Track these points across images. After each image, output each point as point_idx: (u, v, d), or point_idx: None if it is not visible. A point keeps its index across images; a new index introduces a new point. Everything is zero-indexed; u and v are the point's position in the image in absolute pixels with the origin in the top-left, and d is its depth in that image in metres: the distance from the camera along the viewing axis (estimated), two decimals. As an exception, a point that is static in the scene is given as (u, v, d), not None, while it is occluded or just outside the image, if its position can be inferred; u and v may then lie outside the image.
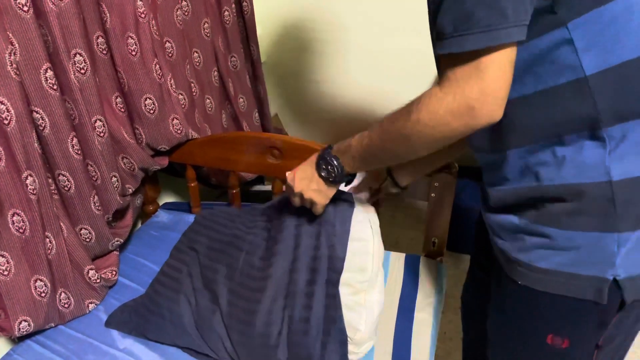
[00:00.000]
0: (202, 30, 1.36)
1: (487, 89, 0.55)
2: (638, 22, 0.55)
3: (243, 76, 1.56)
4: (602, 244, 0.60)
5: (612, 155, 0.59)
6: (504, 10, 0.53)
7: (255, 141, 1.22)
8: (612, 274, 0.61)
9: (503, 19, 0.53)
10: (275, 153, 1.21)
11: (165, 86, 1.17)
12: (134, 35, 1.09)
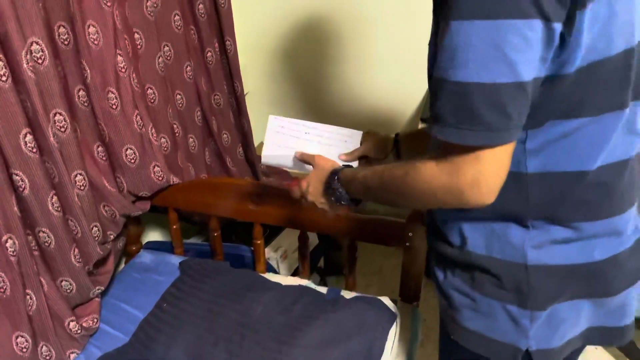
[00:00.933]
0: (185, 73, 1.38)
1: (482, 179, 0.56)
2: (587, 141, 0.60)
3: (227, 112, 1.58)
4: (517, 317, 0.67)
5: (531, 243, 0.65)
6: (510, 114, 0.54)
7: (235, 187, 1.24)
8: (525, 344, 0.68)
9: (507, 120, 0.54)
10: (254, 199, 1.24)
11: (146, 136, 1.20)
12: (115, 90, 1.11)
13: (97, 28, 1.06)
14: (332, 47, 1.80)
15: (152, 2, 1.22)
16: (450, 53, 0.54)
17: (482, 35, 0.52)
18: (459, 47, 0.53)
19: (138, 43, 1.20)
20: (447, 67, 0.54)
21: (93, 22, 1.05)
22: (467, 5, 0.52)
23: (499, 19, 0.51)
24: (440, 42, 0.55)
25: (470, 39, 0.52)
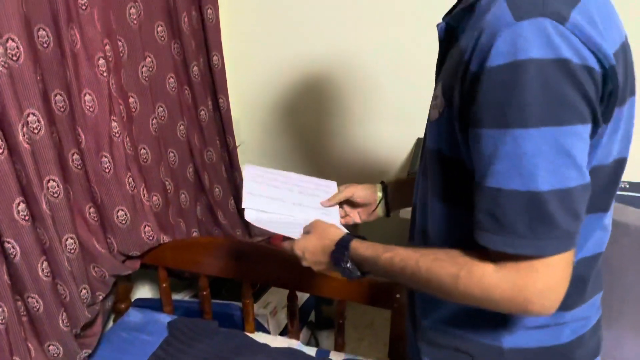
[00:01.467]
0: (178, 132, 1.42)
1: (553, 287, 0.54)
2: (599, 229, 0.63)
3: (219, 166, 1.61)
4: None
5: (507, 328, 0.66)
6: (580, 215, 0.54)
7: (225, 247, 1.26)
8: None
9: (578, 221, 0.54)
10: (245, 258, 1.25)
11: (137, 196, 1.22)
12: (108, 154, 1.14)
13: (92, 96, 1.09)
14: (324, 100, 1.85)
15: (148, 68, 1.27)
16: (514, 162, 0.52)
17: (550, 141, 0.51)
18: (525, 155, 0.52)
19: (132, 106, 1.24)
20: (513, 177, 0.53)
21: (89, 90, 1.09)
22: (532, 113, 0.51)
23: (564, 125, 0.51)
24: (492, 150, 0.54)
25: (538, 146, 0.51)
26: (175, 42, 1.37)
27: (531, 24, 0.51)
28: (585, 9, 0.53)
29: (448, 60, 0.66)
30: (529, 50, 0.50)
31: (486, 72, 0.53)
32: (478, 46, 0.54)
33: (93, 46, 1.06)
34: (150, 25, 1.27)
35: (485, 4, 0.58)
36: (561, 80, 0.51)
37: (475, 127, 0.55)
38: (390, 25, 1.59)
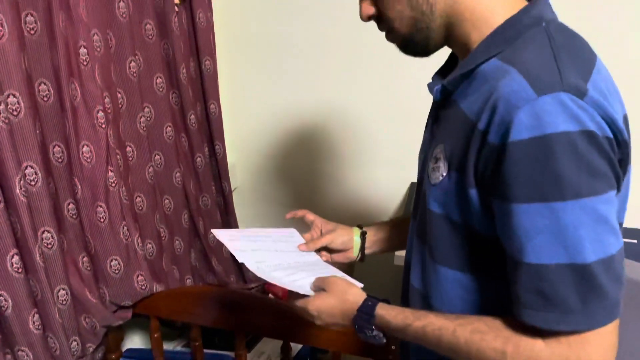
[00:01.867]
0: (174, 179, 1.43)
1: (604, 356, 0.54)
2: None
3: (214, 212, 1.62)
4: None
5: None
6: (622, 279, 0.55)
7: (218, 297, 1.25)
8: None
9: (622, 286, 0.54)
10: (238, 308, 1.24)
11: (131, 246, 1.22)
12: (103, 204, 1.14)
13: (90, 147, 1.11)
14: (318, 145, 1.88)
15: (146, 118, 1.29)
16: (556, 235, 0.52)
17: (589, 211, 0.52)
18: (567, 227, 0.52)
19: (130, 156, 1.25)
20: (557, 251, 0.52)
21: (87, 142, 1.10)
22: (568, 185, 0.52)
23: (599, 194, 0.52)
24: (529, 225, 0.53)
25: (579, 218, 0.52)
26: (173, 92, 1.40)
27: (553, 99, 0.52)
28: (596, 83, 0.55)
29: (445, 122, 0.67)
30: (556, 124, 0.51)
31: (511, 146, 0.53)
32: (496, 118, 0.55)
33: (93, 99, 1.08)
34: (149, 77, 1.30)
35: (489, 71, 0.59)
36: (590, 151, 0.52)
37: (504, 201, 0.55)
38: (382, 73, 1.64)
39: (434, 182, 0.65)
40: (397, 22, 0.66)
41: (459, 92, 0.64)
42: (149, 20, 1.28)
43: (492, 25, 0.62)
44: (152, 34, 1.29)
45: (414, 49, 0.69)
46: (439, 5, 0.63)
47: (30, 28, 0.98)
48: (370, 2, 0.68)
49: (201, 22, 1.42)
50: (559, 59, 0.55)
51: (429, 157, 0.69)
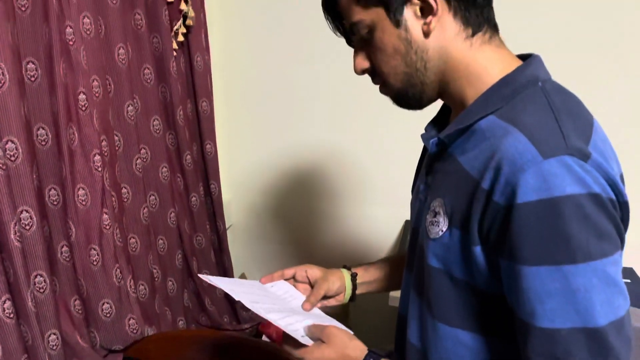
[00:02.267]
0: (169, 219, 1.43)
1: None
2: None
3: (208, 251, 1.61)
4: None
5: None
6: (631, 339, 0.55)
7: (210, 340, 1.24)
8: None
9: (631, 346, 0.55)
10: (230, 352, 1.23)
11: (124, 288, 1.21)
12: (97, 247, 1.14)
13: (86, 190, 1.12)
14: (313, 184, 1.90)
15: (142, 159, 1.31)
16: (568, 299, 0.53)
17: (599, 274, 0.52)
18: (579, 291, 0.52)
19: (125, 197, 1.26)
20: (569, 314, 0.53)
21: (83, 185, 1.11)
22: (578, 248, 0.52)
23: (607, 256, 0.53)
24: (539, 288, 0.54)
25: (590, 280, 0.52)
26: (170, 133, 1.42)
27: (559, 162, 0.52)
28: (596, 145, 0.56)
29: (442, 175, 0.67)
30: (563, 187, 0.52)
31: (518, 208, 0.53)
32: (501, 178, 0.55)
33: (90, 143, 1.10)
34: (146, 119, 1.32)
35: (487, 128, 0.60)
36: (597, 213, 0.53)
37: (513, 262, 0.55)
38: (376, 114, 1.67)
39: (433, 237, 0.65)
40: (391, 77, 0.67)
41: (456, 145, 0.65)
42: (148, 65, 1.31)
43: (487, 83, 0.63)
44: (150, 78, 1.32)
45: (408, 102, 0.70)
46: (432, 62, 0.64)
47: (31, 75, 1.01)
48: (365, 56, 0.69)
49: (199, 66, 1.45)
50: (560, 122, 0.56)
51: (425, 208, 0.69)
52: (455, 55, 0.64)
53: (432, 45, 0.63)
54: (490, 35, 0.64)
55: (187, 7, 1.34)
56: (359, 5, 0.64)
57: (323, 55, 1.65)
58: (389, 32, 0.63)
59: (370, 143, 1.74)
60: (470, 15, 0.62)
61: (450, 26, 0.62)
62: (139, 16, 1.26)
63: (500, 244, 0.56)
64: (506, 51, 0.66)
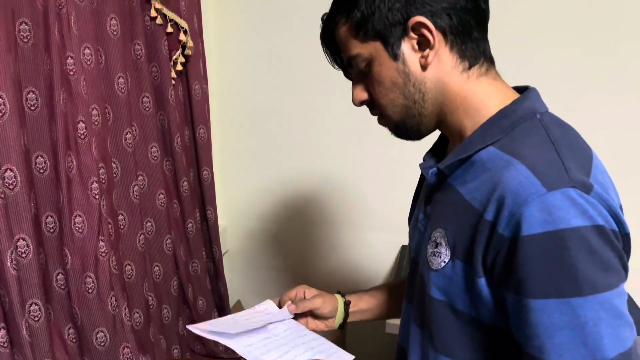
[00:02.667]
0: (165, 246, 1.43)
1: None
2: None
3: (203, 278, 1.61)
4: None
5: None
6: None
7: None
8: None
9: None
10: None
11: (119, 316, 1.20)
12: (92, 274, 1.14)
13: (83, 217, 1.12)
14: (310, 210, 1.90)
15: (139, 186, 1.32)
16: (576, 332, 0.52)
17: (606, 306, 0.52)
18: (587, 324, 0.52)
19: (121, 224, 1.26)
20: (577, 348, 0.52)
21: (80, 212, 1.11)
22: (585, 281, 0.52)
23: (613, 288, 0.53)
24: (547, 321, 0.53)
25: (597, 313, 0.52)
26: (167, 160, 1.43)
27: (562, 194, 0.53)
28: (596, 177, 0.57)
29: (442, 205, 0.67)
30: (568, 219, 0.52)
31: (523, 240, 0.53)
32: (505, 210, 0.55)
33: (88, 171, 1.11)
34: (144, 147, 1.33)
35: (488, 159, 0.61)
36: (602, 246, 0.53)
37: (519, 295, 0.55)
38: (372, 140, 1.69)
39: (435, 268, 0.65)
40: (389, 109, 0.68)
41: (455, 176, 0.65)
42: (147, 93, 1.33)
43: (484, 115, 0.64)
44: (149, 106, 1.34)
45: (406, 134, 0.71)
46: (430, 94, 0.65)
47: (31, 104, 1.02)
48: (363, 88, 0.70)
49: (196, 94, 1.48)
50: (561, 154, 0.57)
51: (426, 239, 0.69)
52: (452, 87, 0.65)
53: (429, 78, 0.64)
54: (486, 68, 0.66)
55: (186, 38, 1.37)
56: (357, 39, 0.66)
57: (319, 83, 1.68)
58: (387, 65, 0.65)
59: (366, 169, 1.75)
60: (467, 48, 0.64)
61: (447, 59, 0.64)
62: (138, 46, 1.28)
63: (506, 277, 0.56)
64: (503, 83, 0.67)
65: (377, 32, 0.64)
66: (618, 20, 1.41)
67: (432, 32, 0.61)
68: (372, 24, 0.63)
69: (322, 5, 0.75)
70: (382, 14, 0.62)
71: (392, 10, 0.62)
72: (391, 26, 0.63)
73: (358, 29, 0.65)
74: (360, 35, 0.65)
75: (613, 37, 1.43)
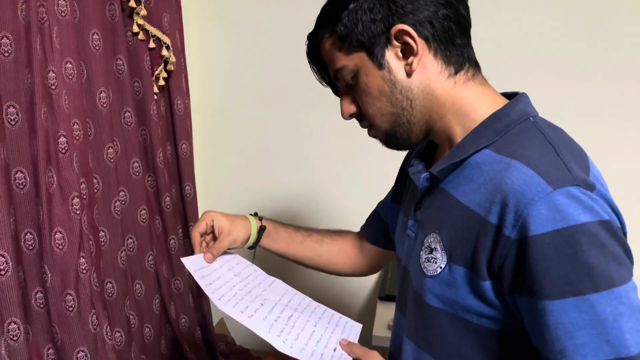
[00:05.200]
0: (146, 263, 1.41)
1: None
2: None
3: (186, 295, 1.58)
4: None
5: None
6: None
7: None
8: None
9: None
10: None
11: (100, 335, 1.17)
12: (73, 292, 1.11)
13: (63, 234, 1.10)
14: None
15: (121, 202, 1.30)
16: (597, 330, 0.51)
17: (624, 300, 0.52)
18: (607, 320, 0.51)
19: (102, 241, 1.24)
20: (600, 347, 0.52)
21: (61, 228, 1.09)
22: (600, 276, 0.51)
23: (626, 282, 0.53)
24: (566, 322, 0.52)
25: (616, 308, 0.51)
26: (149, 175, 1.42)
27: (568, 192, 0.53)
28: (596, 177, 0.59)
29: (434, 210, 0.66)
30: (576, 216, 0.52)
31: (534, 240, 0.53)
32: (509, 211, 0.55)
33: (69, 186, 1.09)
34: (126, 162, 1.32)
35: (483, 162, 0.61)
36: (611, 240, 0.53)
37: (534, 298, 0.54)
38: (357, 155, 1.70)
39: (430, 274, 0.64)
40: (377, 118, 0.68)
41: (448, 180, 0.65)
42: (129, 108, 1.32)
43: (474, 119, 0.65)
44: (130, 121, 1.33)
45: (397, 142, 0.71)
46: (418, 100, 0.66)
47: (12, 119, 1.01)
48: (351, 100, 0.70)
49: (179, 109, 1.47)
50: (561, 155, 0.57)
51: (418, 245, 0.68)
52: (439, 93, 0.66)
53: (416, 84, 0.65)
54: (473, 73, 0.67)
55: (168, 53, 1.37)
56: (342, 52, 0.67)
57: (301, 98, 1.69)
58: (372, 74, 0.66)
59: (350, 182, 1.76)
60: (451, 54, 0.65)
61: (432, 65, 0.65)
62: (120, 61, 1.28)
63: (518, 281, 0.55)
64: (490, 88, 0.68)
65: (361, 43, 0.65)
66: (600, 26, 1.47)
67: (414, 39, 0.63)
68: (355, 35, 0.65)
69: (303, 20, 0.77)
70: (365, 25, 0.64)
71: (374, 21, 0.64)
72: (375, 36, 0.64)
73: (342, 42, 0.66)
74: (345, 47, 0.66)
75: (596, 42, 1.48)
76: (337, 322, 0.86)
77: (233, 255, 0.96)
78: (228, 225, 0.91)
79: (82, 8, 1.15)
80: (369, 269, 1.04)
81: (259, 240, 0.95)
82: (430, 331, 0.66)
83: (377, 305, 1.61)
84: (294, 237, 1.00)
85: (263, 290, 0.89)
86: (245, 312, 0.76)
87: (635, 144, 1.52)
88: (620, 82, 1.48)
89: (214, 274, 0.86)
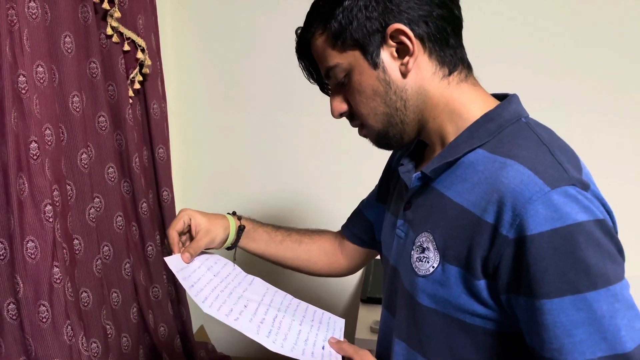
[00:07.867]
0: (123, 271, 1.37)
1: None
2: None
3: (165, 304, 1.55)
4: None
5: None
6: None
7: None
8: None
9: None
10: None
11: (75, 346, 1.14)
12: (47, 302, 1.08)
13: (36, 243, 1.06)
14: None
15: (96, 209, 1.26)
16: (595, 327, 0.52)
17: (619, 298, 0.53)
18: (604, 317, 0.52)
19: (77, 249, 1.20)
20: (598, 344, 0.52)
21: (33, 237, 1.06)
22: (597, 274, 0.52)
23: (621, 280, 0.54)
24: (564, 320, 0.53)
25: (612, 305, 0.52)
26: (125, 180, 1.39)
27: (566, 192, 0.54)
28: (587, 177, 0.59)
29: (426, 209, 0.66)
30: (574, 215, 0.52)
31: (531, 239, 0.53)
32: (507, 211, 0.55)
33: (41, 193, 1.05)
34: (100, 167, 1.29)
35: (477, 162, 0.61)
36: (606, 239, 0.54)
37: (532, 297, 0.54)
38: (338, 158, 1.70)
39: (423, 274, 0.63)
40: (370, 118, 0.67)
41: (440, 179, 0.65)
42: (103, 112, 1.29)
43: (467, 119, 0.65)
44: (105, 125, 1.30)
45: (389, 142, 0.70)
46: (412, 101, 0.65)
47: (-21, 124, 0.97)
48: (342, 99, 0.69)
49: (155, 113, 1.44)
50: (555, 155, 0.58)
51: (408, 244, 0.67)
52: (433, 93, 0.65)
53: (410, 85, 0.65)
54: (466, 74, 0.67)
55: (144, 56, 1.35)
56: (335, 49, 0.65)
57: (279, 101, 1.68)
58: (367, 73, 0.64)
59: (331, 186, 1.76)
60: (445, 55, 0.65)
61: (426, 66, 0.64)
62: (94, 64, 1.25)
63: (515, 280, 0.55)
64: (482, 89, 0.68)
65: (356, 41, 0.64)
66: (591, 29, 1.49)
67: (410, 38, 0.62)
68: (350, 33, 0.63)
69: (280, 22, 0.76)
70: (360, 22, 0.62)
71: (370, 18, 0.62)
72: (370, 34, 0.63)
73: (336, 39, 0.64)
74: (339, 45, 0.64)
75: (585, 43, 1.51)
76: (320, 319, 0.85)
77: (210, 254, 0.94)
78: (206, 224, 0.87)
79: (53, 10, 1.12)
80: (348, 269, 1.03)
81: (238, 240, 0.93)
82: (422, 331, 0.65)
83: (359, 308, 1.60)
84: (273, 236, 0.97)
85: (244, 291, 0.87)
86: (230, 315, 0.74)
87: (623, 145, 1.55)
88: (607, 83, 1.52)
89: (194, 275, 0.84)
